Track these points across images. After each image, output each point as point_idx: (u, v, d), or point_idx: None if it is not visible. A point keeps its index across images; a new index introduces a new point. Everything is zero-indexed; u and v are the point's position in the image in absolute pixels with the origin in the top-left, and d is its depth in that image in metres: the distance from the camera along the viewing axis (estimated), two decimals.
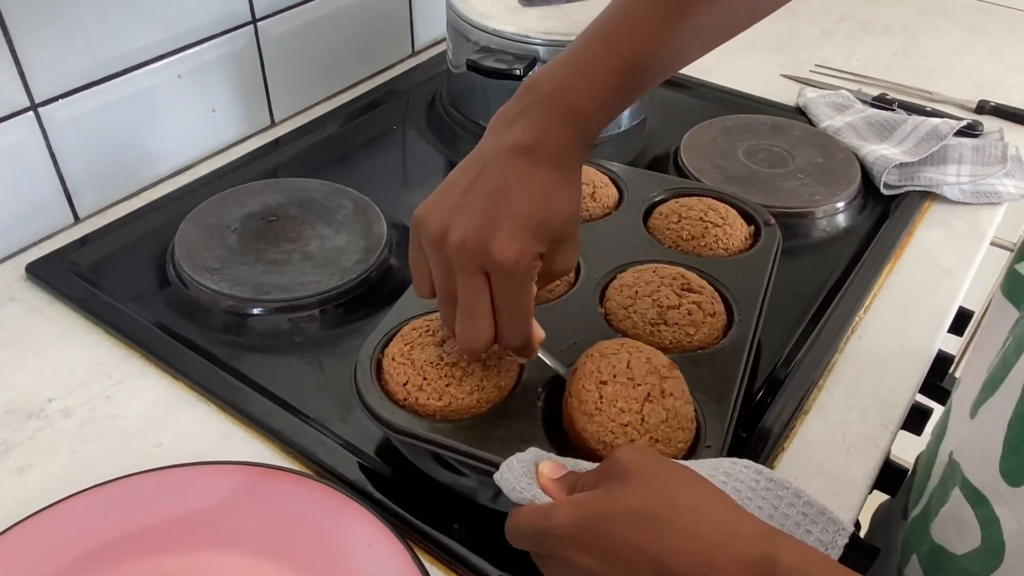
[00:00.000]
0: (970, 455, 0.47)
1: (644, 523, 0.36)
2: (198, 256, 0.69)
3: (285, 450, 0.56)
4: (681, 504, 0.36)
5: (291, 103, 0.93)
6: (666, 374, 0.50)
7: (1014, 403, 0.43)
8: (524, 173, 0.46)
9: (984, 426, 0.46)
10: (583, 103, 0.48)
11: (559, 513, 0.38)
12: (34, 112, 0.70)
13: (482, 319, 0.46)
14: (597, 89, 0.49)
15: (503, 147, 0.47)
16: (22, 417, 0.59)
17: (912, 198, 0.81)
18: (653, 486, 0.37)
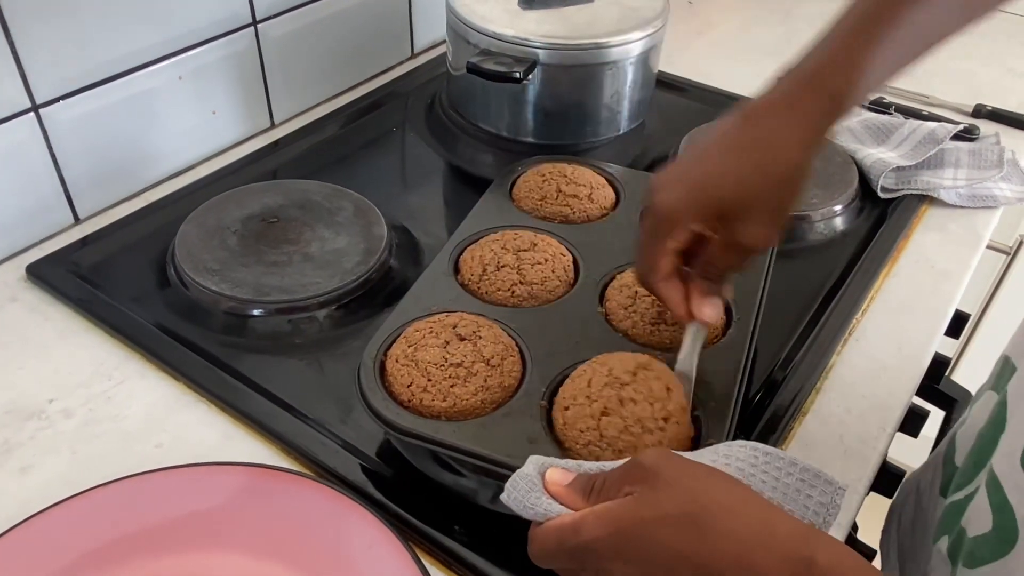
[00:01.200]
0: (1005, 442, 0.47)
1: (683, 527, 0.36)
2: (198, 257, 0.70)
3: (286, 451, 0.56)
4: (717, 506, 0.36)
5: (291, 105, 0.93)
6: (627, 380, 0.49)
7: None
8: (722, 132, 0.48)
9: (1020, 414, 0.45)
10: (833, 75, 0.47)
11: (590, 526, 0.38)
12: (35, 113, 0.70)
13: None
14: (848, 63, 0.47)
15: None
16: (23, 418, 0.59)
17: (909, 202, 0.82)
18: (685, 489, 0.37)
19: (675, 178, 0.49)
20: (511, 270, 0.61)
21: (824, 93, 0.46)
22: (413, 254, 0.75)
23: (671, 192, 0.49)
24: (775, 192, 0.47)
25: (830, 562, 0.34)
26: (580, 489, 0.41)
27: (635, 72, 0.87)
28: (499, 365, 0.53)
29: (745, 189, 0.46)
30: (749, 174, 0.46)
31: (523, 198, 0.70)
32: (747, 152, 0.47)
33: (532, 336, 0.56)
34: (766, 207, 0.47)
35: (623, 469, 0.40)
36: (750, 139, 0.47)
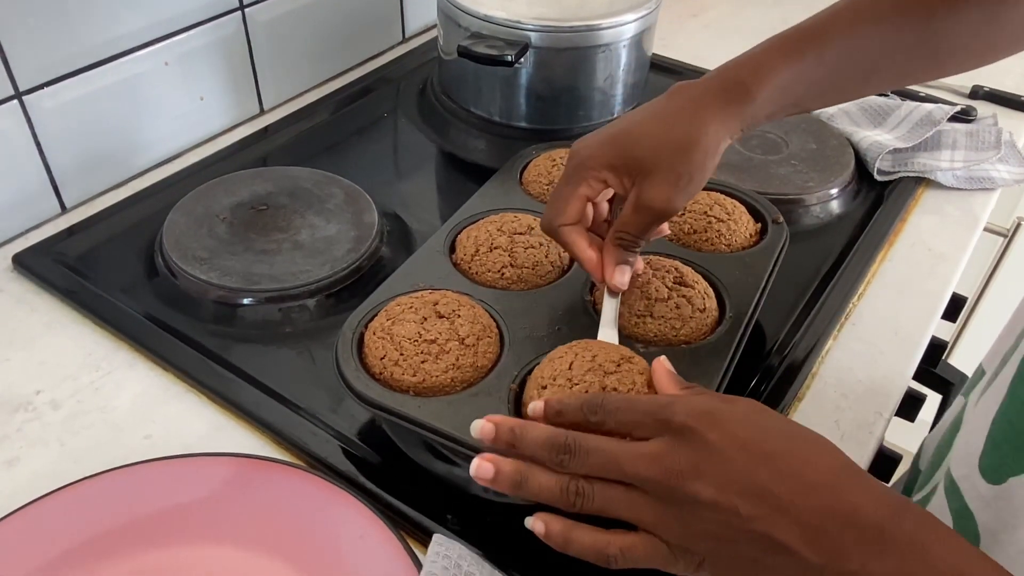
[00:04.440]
0: (961, 445, 0.47)
1: (769, 433, 0.37)
2: (187, 246, 0.69)
3: (276, 441, 0.56)
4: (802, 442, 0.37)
5: (280, 90, 0.92)
6: (611, 369, 0.48)
7: (1001, 399, 0.42)
8: (653, 103, 0.52)
9: (977, 418, 0.45)
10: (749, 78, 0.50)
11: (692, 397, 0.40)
12: (19, 101, 0.69)
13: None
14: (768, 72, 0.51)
15: None
16: (9, 410, 0.58)
17: (906, 184, 0.81)
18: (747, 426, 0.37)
19: (599, 133, 0.53)
20: (503, 252, 0.60)
21: (738, 88, 0.50)
22: (404, 241, 0.74)
23: (591, 141, 0.52)
24: (677, 159, 0.49)
25: (921, 513, 0.35)
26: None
27: (628, 55, 0.85)
28: (474, 345, 0.53)
29: (654, 150, 0.50)
30: (659, 138, 0.50)
31: (531, 182, 0.70)
32: (663, 120, 0.51)
33: (514, 319, 0.56)
34: (670, 171, 0.49)
35: (660, 418, 0.38)
36: (669, 111, 0.51)
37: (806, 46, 0.51)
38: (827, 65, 0.52)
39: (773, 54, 0.51)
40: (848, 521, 0.33)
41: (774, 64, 0.51)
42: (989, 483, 0.43)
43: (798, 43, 0.51)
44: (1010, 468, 0.41)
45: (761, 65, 0.51)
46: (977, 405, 0.47)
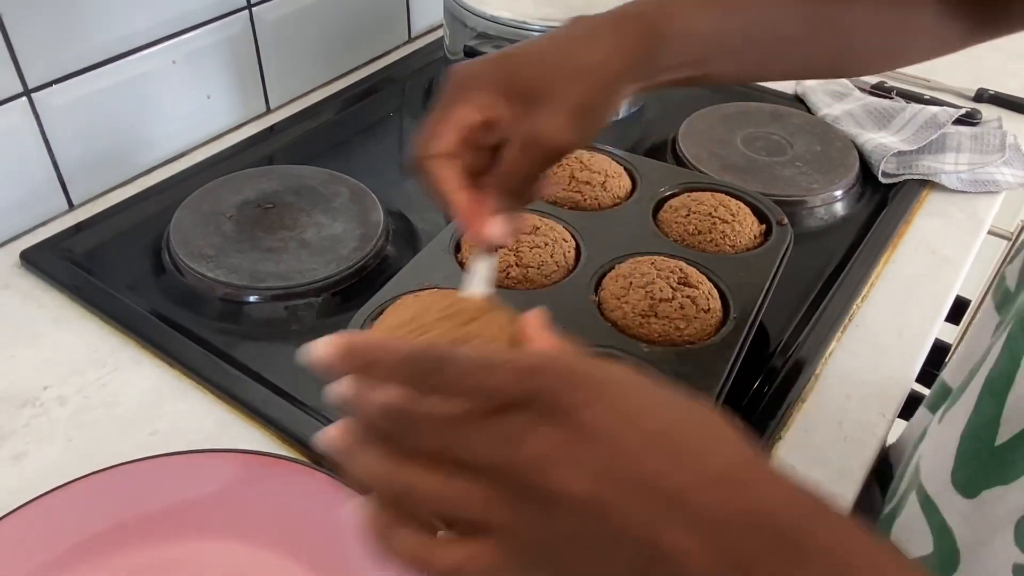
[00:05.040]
0: (928, 461, 0.46)
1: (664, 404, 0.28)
2: (193, 243, 0.69)
3: (282, 438, 0.56)
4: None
5: (286, 89, 0.93)
6: (474, 316, 0.38)
7: (968, 413, 0.42)
8: (547, 32, 0.46)
9: (944, 433, 0.45)
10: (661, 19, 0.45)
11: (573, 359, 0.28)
12: (27, 98, 0.69)
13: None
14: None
15: None
16: (17, 405, 0.58)
17: (910, 186, 0.81)
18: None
19: (488, 55, 0.45)
20: (508, 252, 0.60)
21: (644, 25, 0.45)
22: (410, 240, 0.75)
23: (476, 62, 0.44)
24: (575, 86, 0.42)
25: (839, 514, 0.28)
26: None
27: None
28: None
29: (548, 74, 0.43)
30: (555, 62, 0.43)
31: None
32: (560, 44, 0.44)
33: None
34: (566, 98, 0.42)
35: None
36: (569, 35, 0.45)
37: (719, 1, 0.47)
38: (737, 27, 0.47)
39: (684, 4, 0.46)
40: (758, 523, 0.26)
41: (684, 9, 0.46)
42: (964, 497, 0.42)
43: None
44: (982, 481, 0.41)
45: (672, 5, 0.46)
46: (943, 421, 0.46)
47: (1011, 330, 0.40)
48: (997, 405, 0.40)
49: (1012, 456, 0.39)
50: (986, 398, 0.41)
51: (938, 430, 0.47)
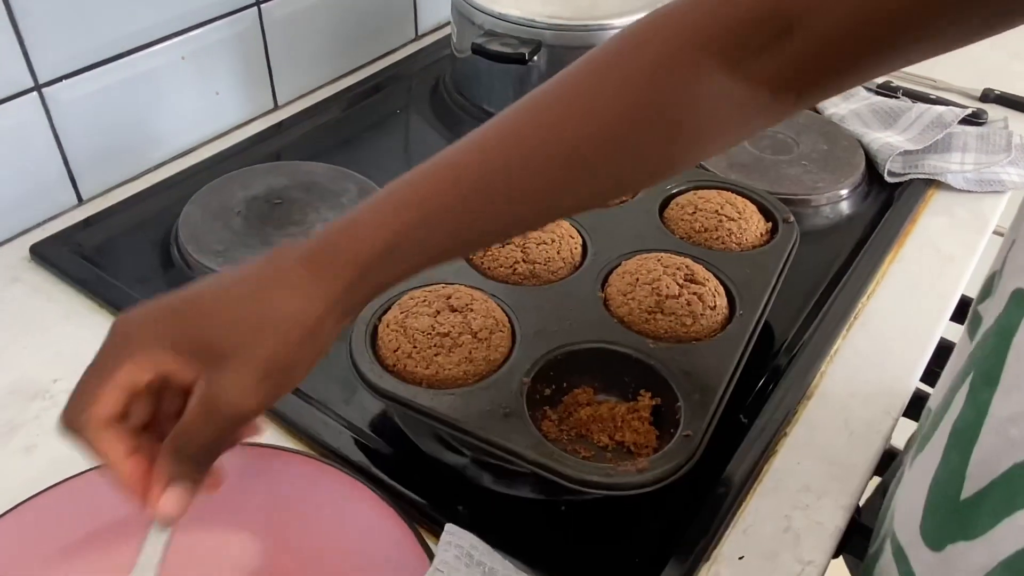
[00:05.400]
0: (901, 507, 0.46)
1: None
2: (202, 239, 0.69)
3: (289, 431, 0.56)
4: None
5: (294, 86, 0.93)
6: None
7: (936, 464, 0.41)
8: (239, 269, 0.40)
9: (914, 480, 0.44)
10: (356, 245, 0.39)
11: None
12: (38, 93, 0.70)
13: None
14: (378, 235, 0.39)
15: None
16: (27, 397, 0.59)
17: (916, 186, 0.81)
18: None
19: (157, 300, 0.39)
20: (515, 248, 0.61)
21: (335, 257, 0.39)
22: None
23: (145, 310, 0.39)
24: (266, 339, 0.37)
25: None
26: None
27: None
28: (486, 339, 0.53)
29: (232, 325, 0.37)
30: (240, 311, 0.38)
31: None
32: (248, 290, 0.39)
33: (526, 314, 0.57)
34: (253, 356, 0.37)
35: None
36: (253, 279, 0.39)
37: (416, 214, 0.40)
38: (438, 233, 0.41)
39: (384, 208, 0.40)
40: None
41: (390, 215, 0.39)
42: (931, 550, 0.41)
43: (421, 188, 0.40)
44: (947, 535, 0.40)
45: (371, 220, 0.40)
46: (913, 466, 0.45)
47: (972, 381, 0.39)
48: (962, 459, 0.38)
49: (976, 512, 0.37)
50: (952, 450, 0.40)
51: (910, 476, 0.45)
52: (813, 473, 0.55)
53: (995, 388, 0.36)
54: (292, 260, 0.39)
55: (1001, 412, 0.36)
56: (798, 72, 0.39)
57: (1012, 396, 0.35)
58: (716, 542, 0.51)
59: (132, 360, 0.37)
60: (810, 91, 0.41)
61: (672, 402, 0.52)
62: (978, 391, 0.38)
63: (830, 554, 0.51)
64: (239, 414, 0.37)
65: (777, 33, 0.38)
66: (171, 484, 0.37)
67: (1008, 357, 0.36)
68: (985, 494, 0.37)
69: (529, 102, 0.42)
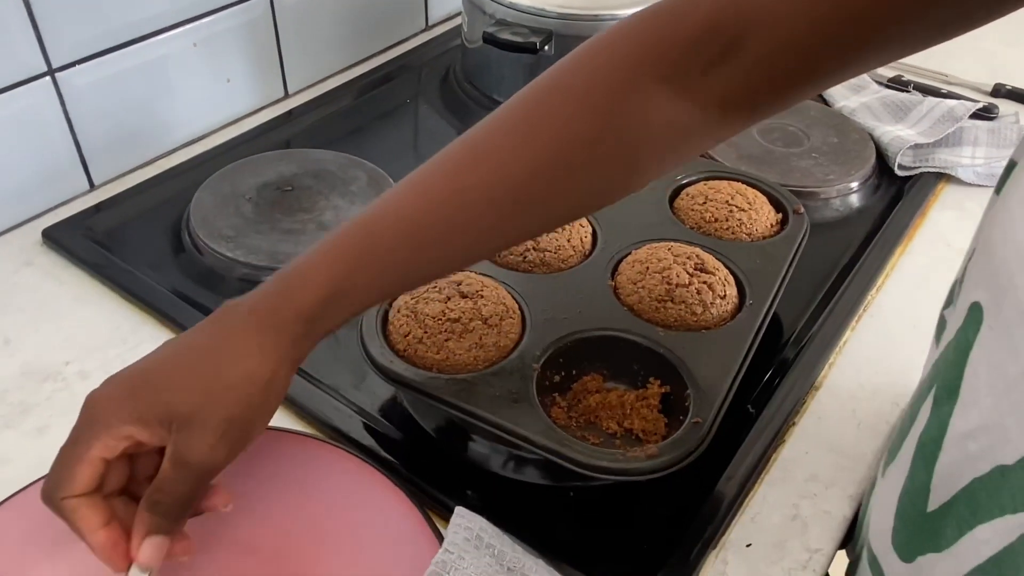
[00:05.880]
0: (875, 518, 0.46)
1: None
2: (213, 224, 0.70)
3: (299, 415, 0.57)
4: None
5: (305, 75, 0.93)
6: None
7: (904, 476, 0.41)
8: (190, 333, 0.43)
9: (886, 490, 0.44)
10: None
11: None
12: (51, 77, 0.70)
13: None
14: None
15: None
16: (39, 379, 0.59)
17: (926, 179, 0.81)
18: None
19: (120, 376, 0.42)
20: None
21: (284, 306, 0.42)
22: None
23: (109, 390, 0.42)
24: (223, 401, 0.40)
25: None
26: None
27: None
28: (497, 325, 0.54)
29: (186, 394, 0.40)
30: (196, 381, 0.41)
31: None
32: (196, 355, 0.42)
33: (536, 301, 0.57)
34: (213, 416, 0.40)
35: None
36: (203, 343, 0.42)
37: (363, 259, 0.42)
38: (383, 275, 0.43)
39: (322, 259, 0.42)
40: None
41: (329, 266, 0.42)
42: (902, 561, 0.41)
43: (354, 257, 0.42)
44: (917, 547, 0.40)
45: (310, 272, 0.42)
46: (885, 476, 0.45)
47: (936, 393, 0.39)
48: (927, 471, 0.38)
49: (942, 524, 0.37)
50: (919, 462, 0.40)
51: (882, 485, 0.45)
52: (821, 463, 0.55)
53: (955, 402, 0.36)
54: (239, 321, 0.42)
55: (962, 427, 0.36)
56: (750, 86, 0.39)
57: (970, 412, 0.35)
58: (724, 529, 0.51)
59: (100, 439, 0.40)
60: (767, 101, 0.41)
61: (681, 390, 0.52)
62: (941, 403, 0.38)
63: (837, 543, 0.52)
64: (206, 470, 0.41)
65: (722, 50, 0.38)
66: (148, 536, 0.41)
67: (965, 372, 0.35)
68: (949, 507, 0.37)
69: (472, 138, 0.42)
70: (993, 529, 0.34)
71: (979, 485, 0.35)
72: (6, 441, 0.55)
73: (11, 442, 0.55)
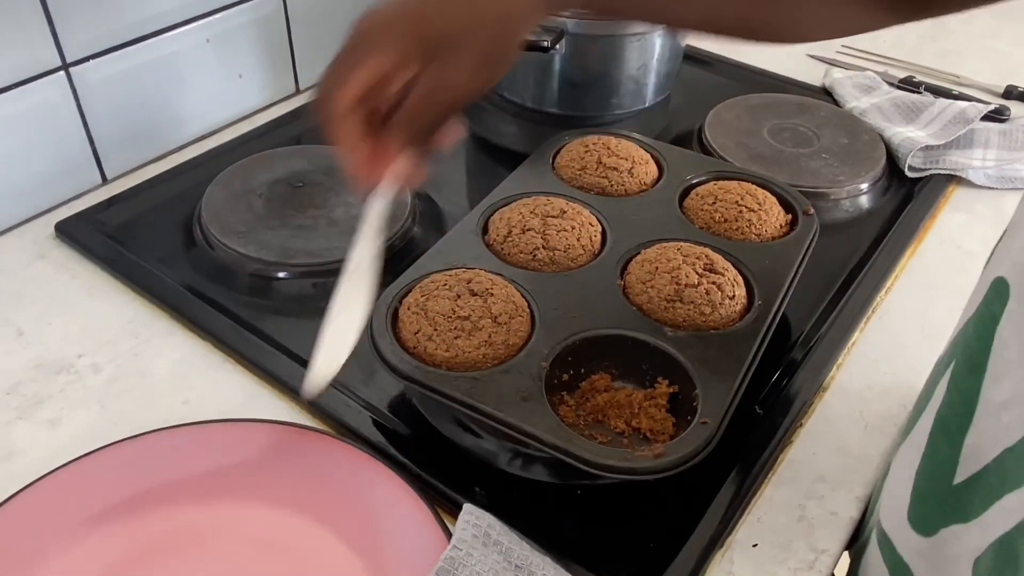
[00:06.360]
0: (887, 497, 0.46)
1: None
2: (225, 219, 0.70)
3: (310, 411, 0.57)
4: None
5: (317, 70, 0.92)
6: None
7: (921, 452, 0.42)
8: None
9: (899, 470, 0.45)
10: None
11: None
12: (65, 72, 0.70)
13: None
14: None
15: None
16: (52, 371, 0.60)
17: (937, 181, 0.81)
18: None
19: (391, 5, 0.45)
20: (536, 234, 0.61)
21: None
22: (436, 222, 0.75)
23: (383, 10, 0.44)
24: (484, 32, 0.43)
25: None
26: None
27: (663, 44, 0.86)
28: (506, 323, 0.54)
29: (456, 20, 0.43)
30: (463, 9, 0.43)
31: (564, 167, 0.71)
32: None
33: (545, 299, 0.57)
34: (474, 46, 0.43)
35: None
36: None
37: None
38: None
39: None
40: None
41: None
42: (920, 535, 0.42)
43: None
44: (940, 520, 0.40)
45: None
46: (897, 456, 0.46)
47: (955, 369, 0.39)
48: (952, 445, 0.39)
49: (970, 496, 0.38)
50: (939, 438, 0.40)
51: (894, 465, 0.46)
52: (828, 464, 0.56)
53: (982, 376, 0.37)
54: None
55: (994, 399, 0.36)
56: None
57: (1002, 384, 0.36)
58: (730, 529, 0.51)
59: (374, 53, 0.43)
60: None
61: (689, 390, 0.52)
62: (961, 378, 0.38)
63: (844, 544, 0.52)
64: (463, 95, 0.43)
65: None
66: (399, 153, 0.45)
67: (993, 345, 0.36)
68: (978, 479, 0.38)
69: None
70: (1019, 497, 0.35)
71: (1009, 455, 0.35)
72: (19, 432, 0.56)
73: (24, 433, 0.55)
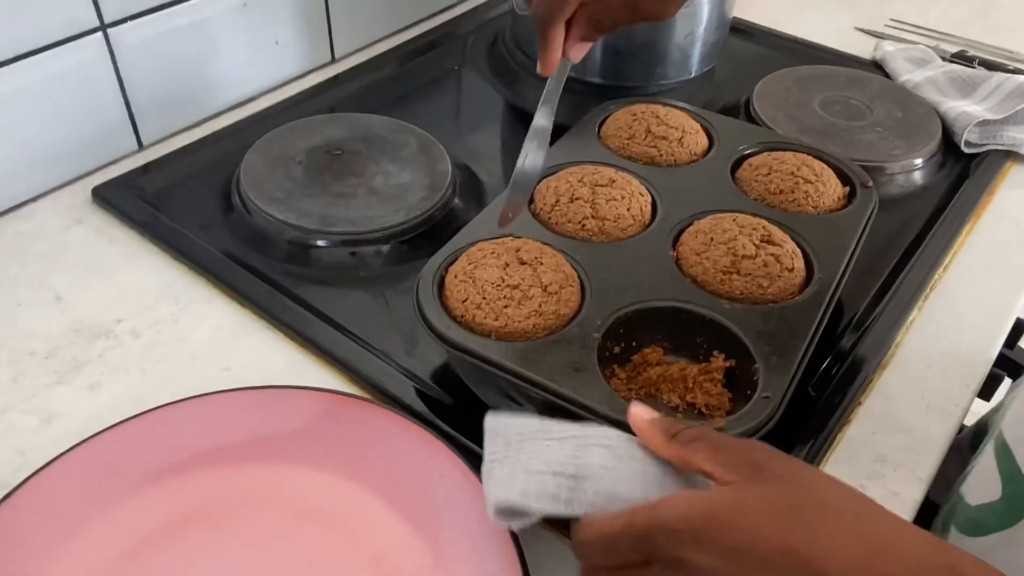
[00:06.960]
0: (1014, 410, 0.46)
1: (790, 519, 0.32)
2: (263, 186, 0.69)
3: (351, 379, 0.56)
4: (834, 505, 0.33)
5: (352, 40, 0.92)
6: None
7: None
8: None
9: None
10: None
11: (675, 507, 0.34)
12: (103, 33, 0.69)
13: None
14: None
15: None
16: (91, 336, 0.59)
17: (994, 157, 0.78)
18: (797, 484, 0.34)
19: None
20: (584, 203, 0.59)
21: None
22: (476, 193, 0.74)
23: None
24: None
25: (976, 570, 0.31)
26: (663, 429, 0.39)
27: (710, 13, 0.83)
28: (556, 293, 0.52)
29: None
30: None
31: (611, 136, 0.68)
32: None
33: (596, 270, 0.55)
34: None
35: (724, 450, 0.36)
36: None
37: None
38: None
39: None
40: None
41: None
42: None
43: None
44: None
45: None
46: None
47: None
48: None
49: None
50: None
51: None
52: (888, 444, 0.53)
53: None
54: None
55: None
56: None
57: None
58: None
59: None
60: None
61: (748, 364, 0.50)
62: None
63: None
64: (650, 14, 0.55)
65: None
66: (582, 40, 0.57)
67: None
68: None
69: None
70: None
71: None
72: (59, 396, 0.55)
73: (64, 398, 0.55)
